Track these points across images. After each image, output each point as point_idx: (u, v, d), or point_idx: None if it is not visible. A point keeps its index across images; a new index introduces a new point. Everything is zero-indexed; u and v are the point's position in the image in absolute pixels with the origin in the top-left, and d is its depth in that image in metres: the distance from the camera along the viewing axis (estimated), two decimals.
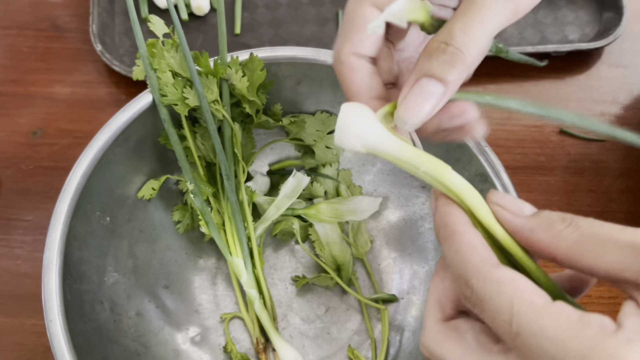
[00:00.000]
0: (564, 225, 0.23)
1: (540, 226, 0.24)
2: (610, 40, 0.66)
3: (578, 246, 0.23)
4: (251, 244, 0.50)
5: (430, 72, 0.27)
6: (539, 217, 0.24)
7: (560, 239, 0.23)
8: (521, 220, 0.25)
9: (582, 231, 0.23)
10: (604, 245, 0.22)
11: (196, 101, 0.48)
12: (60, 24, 0.67)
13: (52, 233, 0.43)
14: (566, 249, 0.23)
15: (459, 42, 0.26)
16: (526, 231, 0.25)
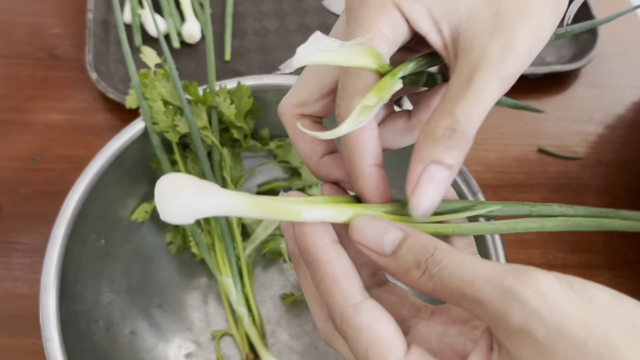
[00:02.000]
0: (419, 274, 0.24)
1: (399, 272, 0.25)
2: (586, 61, 0.68)
3: (435, 293, 0.23)
4: (240, 263, 0.52)
5: (438, 159, 0.26)
6: (397, 261, 0.25)
7: (418, 286, 0.24)
8: (384, 260, 0.25)
9: (435, 282, 0.23)
10: (455, 296, 0.23)
11: (186, 128, 0.50)
12: (58, 53, 0.70)
13: (50, 256, 0.45)
14: (427, 293, 0.24)
15: (463, 127, 0.25)
16: (391, 272, 0.25)
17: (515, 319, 0.21)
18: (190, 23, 0.69)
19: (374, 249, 0.25)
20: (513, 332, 0.21)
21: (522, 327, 0.21)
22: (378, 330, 0.23)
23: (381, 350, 0.23)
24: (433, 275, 0.23)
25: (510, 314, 0.21)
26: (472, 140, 0.26)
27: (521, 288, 0.21)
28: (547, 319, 0.20)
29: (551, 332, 0.20)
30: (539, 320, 0.21)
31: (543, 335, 0.20)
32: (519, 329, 0.21)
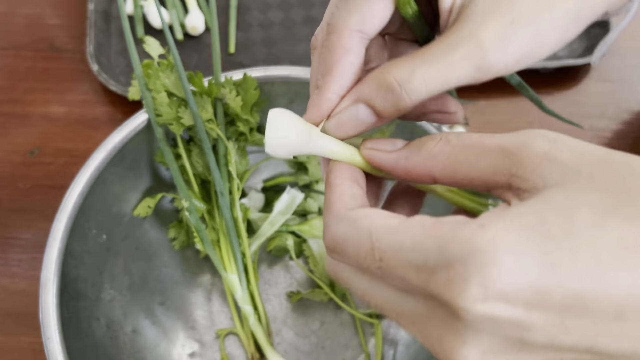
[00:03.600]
0: (435, 142, 0.24)
1: (413, 151, 0.24)
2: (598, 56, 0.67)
3: (452, 160, 0.23)
4: (246, 260, 0.51)
5: (371, 102, 0.26)
6: (411, 144, 0.25)
7: (434, 156, 0.23)
8: (395, 154, 0.25)
9: (453, 144, 0.23)
10: (474, 153, 0.22)
11: (191, 121, 0.49)
12: (58, 44, 0.69)
13: (50, 251, 0.43)
14: (442, 165, 0.23)
15: (411, 89, 0.25)
16: (402, 161, 0.25)
17: (539, 145, 0.21)
18: (193, 15, 0.68)
19: (384, 146, 0.26)
20: (537, 160, 0.21)
21: (547, 151, 0.21)
22: (376, 212, 0.23)
23: (382, 221, 0.22)
24: (450, 139, 0.23)
25: (534, 143, 0.21)
26: (412, 106, 0.26)
27: (541, 131, 0.22)
28: (570, 142, 0.21)
29: (575, 150, 0.21)
30: (562, 143, 0.21)
31: (568, 154, 0.20)
32: (543, 153, 0.21)
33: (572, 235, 0.19)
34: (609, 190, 0.19)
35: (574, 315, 0.19)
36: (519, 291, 0.18)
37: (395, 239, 0.21)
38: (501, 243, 0.19)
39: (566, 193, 0.20)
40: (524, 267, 0.18)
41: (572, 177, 0.20)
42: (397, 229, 0.21)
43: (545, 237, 0.19)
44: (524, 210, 0.20)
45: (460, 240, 0.19)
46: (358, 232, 0.22)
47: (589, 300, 0.18)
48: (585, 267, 0.18)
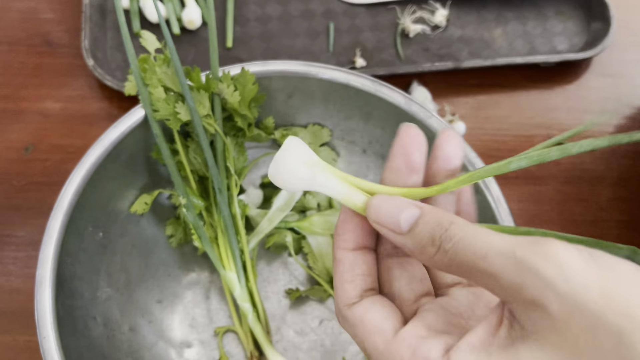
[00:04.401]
0: (434, 251, 0.23)
1: (416, 249, 0.24)
2: (598, 50, 0.66)
3: (450, 269, 0.23)
4: (244, 257, 0.50)
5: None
6: (413, 238, 0.24)
7: (434, 263, 0.24)
8: (401, 239, 0.25)
9: (449, 258, 0.23)
10: (470, 271, 0.22)
11: (188, 116, 0.48)
12: (52, 39, 0.68)
13: (45, 249, 0.43)
14: (443, 269, 0.24)
15: None
16: (408, 250, 0.25)
17: (529, 291, 0.20)
18: (190, 9, 0.67)
19: (391, 227, 0.25)
20: (527, 305, 0.20)
21: (536, 300, 0.20)
22: (369, 319, 0.25)
23: (371, 337, 0.25)
24: (447, 250, 0.23)
25: (524, 287, 0.20)
26: None
27: (536, 259, 0.20)
28: (562, 289, 0.19)
29: (565, 304, 0.19)
30: (553, 291, 0.19)
31: (557, 308, 0.19)
32: (532, 301, 0.20)
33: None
34: (574, 353, 0.19)
35: None
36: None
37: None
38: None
39: (538, 347, 0.20)
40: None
41: (556, 337, 0.20)
42: (382, 352, 0.25)
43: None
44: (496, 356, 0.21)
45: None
46: (356, 338, 0.26)
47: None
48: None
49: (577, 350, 0.19)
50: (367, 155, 0.56)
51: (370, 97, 0.51)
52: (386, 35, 0.68)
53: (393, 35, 0.68)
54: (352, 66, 0.66)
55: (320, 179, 0.27)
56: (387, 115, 0.52)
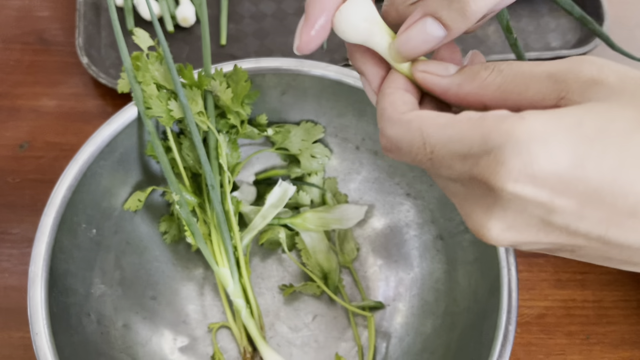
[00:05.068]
0: (488, 73, 0.25)
1: (466, 79, 0.26)
2: (591, 46, 0.67)
3: (502, 89, 0.24)
4: (237, 253, 0.51)
5: (438, 14, 0.27)
6: (463, 72, 0.26)
7: (485, 86, 0.25)
8: (448, 79, 0.26)
9: (504, 74, 0.24)
10: (524, 81, 0.24)
11: (181, 113, 0.48)
12: (47, 37, 0.68)
13: (38, 246, 0.43)
14: (492, 94, 0.25)
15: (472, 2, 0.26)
16: (455, 87, 0.26)
17: (587, 71, 0.22)
18: (184, 6, 0.67)
19: (437, 70, 0.27)
20: (585, 84, 0.22)
21: (595, 76, 0.22)
22: (426, 113, 0.25)
23: (432, 119, 0.25)
24: (502, 69, 0.24)
25: (582, 69, 0.23)
26: (479, 15, 0.26)
27: (588, 57, 0.23)
28: (615, 67, 0.22)
29: (620, 74, 0.22)
30: (609, 68, 0.22)
31: (614, 78, 0.22)
32: (591, 78, 0.22)
33: (604, 138, 0.21)
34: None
35: (592, 206, 0.21)
36: (546, 177, 0.21)
37: (444, 134, 0.24)
38: (537, 135, 0.21)
39: (607, 106, 0.22)
40: (554, 157, 0.21)
41: (616, 96, 0.22)
42: (445, 125, 0.24)
43: (579, 136, 0.21)
44: (565, 111, 0.22)
45: (501, 131, 0.22)
46: (411, 132, 0.25)
47: (607, 195, 0.21)
48: (609, 167, 0.21)
49: (635, 101, 0.21)
50: (361, 152, 0.56)
51: (363, 94, 0.51)
52: None
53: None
54: (345, 63, 0.66)
55: (376, 37, 0.29)
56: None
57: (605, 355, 0.54)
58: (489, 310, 0.44)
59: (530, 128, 0.21)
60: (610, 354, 0.54)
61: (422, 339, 0.50)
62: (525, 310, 0.55)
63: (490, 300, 0.45)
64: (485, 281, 0.46)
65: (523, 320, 0.55)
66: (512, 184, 0.21)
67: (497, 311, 0.43)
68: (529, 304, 0.56)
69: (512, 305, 0.43)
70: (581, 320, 0.55)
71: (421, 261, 0.53)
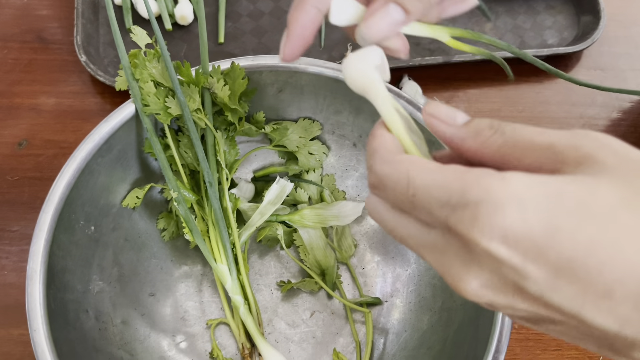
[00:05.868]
0: (491, 133, 0.25)
1: (469, 135, 0.26)
2: (588, 44, 0.67)
3: (502, 152, 0.25)
4: (236, 250, 0.51)
5: (400, 0, 0.30)
6: (469, 126, 0.26)
7: (487, 145, 0.25)
8: (453, 129, 0.26)
9: (506, 138, 0.24)
10: (524, 149, 0.24)
11: (178, 110, 0.48)
12: (46, 35, 0.68)
13: (36, 243, 0.43)
14: (492, 155, 0.25)
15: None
16: (458, 140, 0.26)
17: (585, 149, 0.22)
18: (182, 4, 0.67)
19: (445, 118, 0.27)
20: (581, 159, 0.22)
21: (593, 153, 0.22)
22: (417, 158, 0.26)
23: (421, 163, 0.25)
24: (504, 131, 0.25)
25: (582, 144, 0.22)
26: (431, 3, 0.31)
27: (594, 133, 0.23)
28: (616, 147, 0.22)
29: (619, 155, 0.22)
30: (609, 147, 0.22)
31: (611, 158, 0.22)
32: (588, 153, 0.22)
33: (583, 211, 0.20)
34: (633, 187, 0.21)
35: (565, 279, 0.21)
36: (518, 239, 0.21)
37: (428, 178, 0.24)
38: (514, 196, 0.21)
39: (596, 180, 0.21)
40: (528, 221, 0.21)
41: (608, 173, 0.21)
42: (430, 170, 0.24)
43: (558, 204, 0.21)
44: (549, 178, 0.22)
45: (480, 186, 0.22)
46: (398, 172, 0.26)
47: (581, 270, 0.20)
48: (584, 240, 0.20)
49: (626, 177, 0.21)
50: (358, 149, 0.57)
51: None
52: None
53: None
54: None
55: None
56: (376, 109, 0.52)
57: None
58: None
59: (510, 189, 0.21)
60: None
61: (419, 334, 0.50)
62: None
63: None
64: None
65: None
66: (485, 241, 0.22)
67: None
68: None
69: None
70: None
71: (418, 257, 0.54)
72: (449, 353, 0.47)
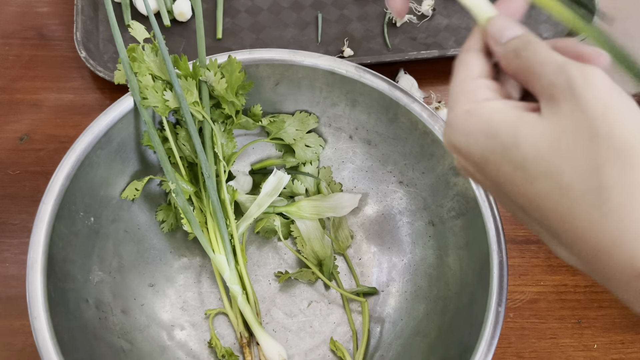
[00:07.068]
0: (513, 56, 0.30)
1: (504, 55, 0.30)
2: (582, 37, 0.67)
3: (520, 71, 0.29)
4: (233, 241, 0.52)
5: None
6: (506, 47, 0.30)
7: (510, 64, 0.30)
8: (498, 48, 0.31)
9: (520, 62, 0.29)
10: (528, 74, 0.28)
11: (176, 103, 0.49)
12: (46, 32, 0.69)
13: (36, 233, 0.44)
14: (514, 72, 0.30)
15: None
16: (499, 56, 0.31)
17: (555, 89, 0.26)
18: (181, 1, 0.68)
19: (495, 37, 0.31)
20: (549, 99, 0.27)
21: (555, 96, 0.26)
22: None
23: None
24: (521, 57, 0.29)
25: (554, 85, 0.27)
26: None
27: (573, 71, 0.26)
28: (578, 92, 0.26)
29: (573, 104, 0.26)
30: (571, 93, 0.26)
31: (567, 107, 0.26)
32: (552, 97, 0.26)
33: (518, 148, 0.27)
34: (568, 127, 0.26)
35: None
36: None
37: None
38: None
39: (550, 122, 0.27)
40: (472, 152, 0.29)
41: (569, 109, 0.26)
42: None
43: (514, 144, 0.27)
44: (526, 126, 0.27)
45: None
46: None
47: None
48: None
49: (571, 118, 0.26)
50: (354, 141, 0.57)
51: (355, 84, 0.52)
52: (374, 25, 0.69)
53: (381, 25, 0.69)
54: (340, 56, 0.67)
55: None
56: (371, 102, 0.53)
57: (596, 339, 0.55)
58: (480, 293, 0.45)
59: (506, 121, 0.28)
60: (602, 338, 0.55)
61: (415, 323, 0.51)
62: (517, 295, 0.56)
63: (480, 283, 0.45)
64: (475, 265, 0.47)
65: (515, 305, 0.56)
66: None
67: (487, 294, 0.44)
68: (521, 289, 0.57)
69: (502, 287, 0.44)
70: (573, 304, 0.56)
71: (414, 247, 0.54)
72: (444, 340, 0.48)
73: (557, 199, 0.26)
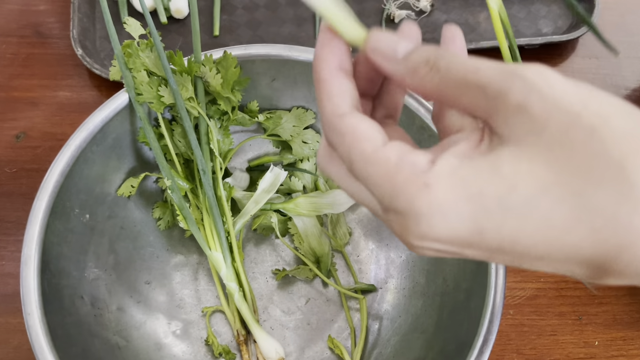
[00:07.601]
0: (427, 70, 0.25)
1: (408, 72, 0.25)
2: (582, 32, 0.67)
3: (440, 89, 0.24)
4: (230, 238, 0.51)
5: None
6: (407, 62, 0.25)
7: (424, 83, 0.25)
8: (394, 65, 0.26)
9: (441, 76, 0.24)
10: (459, 88, 0.24)
11: (171, 99, 0.49)
12: (43, 30, 0.69)
13: (30, 229, 0.44)
14: (430, 91, 0.25)
15: None
16: (399, 77, 0.26)
17: (515, 95, 0.22)
18: None
19: (386, 53, 0.26)
20: (510, 111, 0.22)
21: (520, 103, 0.22)
22: (360, 129, 0.25)
23: (360, 144, 0.25)
24: (440, 68, 0.24)
25: (510, 91, 0.22)
26: None
27: (523, 70, 0.22)
28: (545, 92, 0.21)
29: (547, 105, 0.21)
30: (538, 93, 0.21)
31: (539, 109, 0.21)
32: (517, 105, 0.22)
33: (503, 209, 0.22)
34: (557, 164, 0.21)
35: (499, 255, 0.23)
36: (449, 240, 0.23)
37: (365, 169, 0.24)
38: (437, 208, 0.22)
39: (516, 162, 0.22)
40: (454, 228, 0.22)
41: (533, 137, 0.21)
42: (367, 159, 0.24)
43: (479, 209, 0.22)
44: (470, 175, 0.22)
45: (406, 197, 0.23)
46: (342, 147, 0.25)
47: (509, 254, 0.23)
48: (509, 234, 0.22)
49: (551, 146, 0.21)
50: None
51: None
52: (372, 21, 0.69)
53: (379, 20, 0.69)
54: None
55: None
56: None
57: (597, 335, 0.54)
58: (477, 289, 0.45)
59: (432, 199, 0.22)
60: (602, 334, 0.54)
61: (413, 319, 0.51)
62: (517, 291, 0.56)
63: (477, 278, 0.45)
64: (473, 260, 0.47)
65: (515, 301, 0.55)
66: (417, 242, 0.24)
67: (484, 289, 0.43)
68: (521, 285, 0.56)
69: (498, 283, 0.43)
70: (573, 301, 0.55)
71: None
72: (442, 336, 0.47)
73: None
